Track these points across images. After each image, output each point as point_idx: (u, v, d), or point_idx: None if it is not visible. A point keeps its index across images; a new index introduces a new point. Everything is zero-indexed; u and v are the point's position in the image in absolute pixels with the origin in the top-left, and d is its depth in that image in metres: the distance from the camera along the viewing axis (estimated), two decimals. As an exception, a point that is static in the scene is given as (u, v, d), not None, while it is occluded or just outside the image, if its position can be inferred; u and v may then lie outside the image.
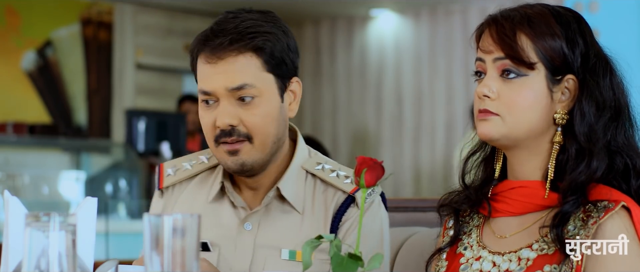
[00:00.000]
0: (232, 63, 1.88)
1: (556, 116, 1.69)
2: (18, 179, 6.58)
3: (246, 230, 1.95)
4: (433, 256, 1.83)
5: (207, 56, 1.89)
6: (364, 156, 1.49)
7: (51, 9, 7.81)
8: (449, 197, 1.84)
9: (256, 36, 1.88)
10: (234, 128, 1.88)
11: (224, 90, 1.88)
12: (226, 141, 1.89)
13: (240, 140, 1.89)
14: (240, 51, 1.88)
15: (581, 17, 1.74)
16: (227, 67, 1.88)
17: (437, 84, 8.16)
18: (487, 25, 1.72)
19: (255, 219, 1.95)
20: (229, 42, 1.87)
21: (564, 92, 1.70)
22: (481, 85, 1.70)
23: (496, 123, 1.69)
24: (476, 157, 1.82)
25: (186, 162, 2.06)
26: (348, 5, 8.20)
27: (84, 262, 1.52)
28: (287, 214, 1.95)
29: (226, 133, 1.88)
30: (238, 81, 1.87)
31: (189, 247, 1.27)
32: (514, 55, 1.67)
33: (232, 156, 1.90)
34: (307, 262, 1.38)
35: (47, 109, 7.80)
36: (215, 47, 1.88)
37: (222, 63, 1.88)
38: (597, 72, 1.69)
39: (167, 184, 2.04)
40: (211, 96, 1.89)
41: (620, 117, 1.70)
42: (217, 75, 1.88)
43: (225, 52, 1.88)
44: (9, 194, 1.59)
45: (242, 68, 1.88)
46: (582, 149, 1.67)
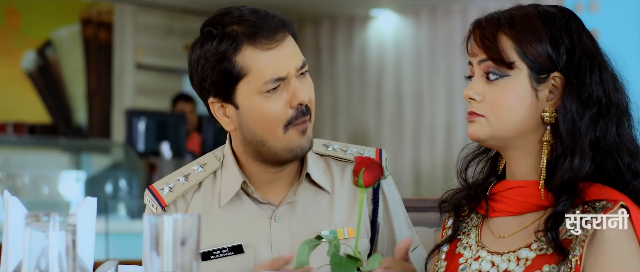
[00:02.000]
0: (290, 43, 1.92)
1: (544, 115, 1.70)
2: (18, 179, 6.58)
3: (278, 223, 1.96)
4: (432, 253, 1.83)
5: (264, 43, 1.88)
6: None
7: (51, 9, 7.81)
8: (451, 194, 1.85)
9: (290, 20, 1.95)
10: (307, 106, 1.92)
11: (294, 69, 1.90)
12: (303, 119, 1.91)
13: (308, 118, 1.93)
14: (287, 33, 1.92)
15: (572, 14, 1.73)
16: (289, 49, 1.91)
17: (437, 84, 8.16)
18: (473, 30, 1.74)
19: (284, 211, 1.97)
20: (281, 25, 1.91)
21: (551, 90, 1.70)
22: (467, 88, 1.72)
23: (482, 124, 1.70)
24: (481, 157, 1.83)
25: (178, 176, 2.02)
26: (348, 5, 8.20)
27: (84, 262, 1.52)
28: (316, 197, 1.98)
29: (303, 112, 1.91)
30: (301, 58, 1.92)
31: (189, 247, 1.27)
32: (494, 57, 1.68)
33: (304, 136, 1.92)
34: (302, 261, 1.39)
35: (47, 109, 7.80)
36: (271, 32, 1.89)
37: (284, 46, 1.90)
38: (583, 69, 1.68)
39: (169, 200, 2.00)
40: (282, 80, 1.89)
41: (610, 114, 1.69)
42: (284, 57, 1.89)
43: (282, 34, 1.90)
44: (9, 194, 1.59)
45: (296, 48, 1.93)
46: (567, 147, 1.66)
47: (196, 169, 2.02)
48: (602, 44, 1.75)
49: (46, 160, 7.18)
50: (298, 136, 1.90)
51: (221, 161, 2.01)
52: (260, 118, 1.89)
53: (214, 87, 1.92)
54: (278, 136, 1.90)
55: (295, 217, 1.96)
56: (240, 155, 1.98)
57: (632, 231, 1.62)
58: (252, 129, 1.91)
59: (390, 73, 8.46)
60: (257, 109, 1.89)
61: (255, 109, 1.89)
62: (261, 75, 1.87)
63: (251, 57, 1.88)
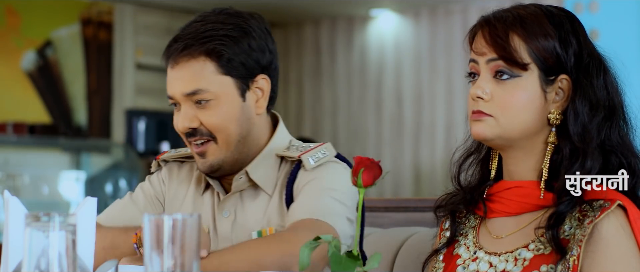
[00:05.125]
0: (186, 68, 1.93)
1: (550, 116, 1.70)
2: (18, 179, 6.58)
3: (224, 217, 2.00)
4: (430, 258, 1.83)
5: (167, 60, 1.96)
6: (364, 156, 1.49)
7: (51, 9, 7.81)
8: (446, 199, 1.85)
9: (210, 40, 1.92)
10: (196, 129, 1.94)
11: (180, 95, 1.94)
12: (192, 141, 1.96)
13: (206, 140, 1.95)
14: (192, 56, 1.92)
15: (574, 17, 1.74)
16: (182, 73, 1.93)
17: (437, 84, 8.16)
18: (480, 27, 1.73)
19: (231, 205, 2.01)
20: (183, 47, 1.93)
21: (557, 92, 1.70)
22: (474, 87, 1.71)
23: (490, 124, 1.69)
24: (472, 158, 1.82)
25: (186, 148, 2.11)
26: (348, 5, 8.20)
27: (84, 262, 1.52)
28: (258, 197, 2.00)
29: (190, 134, 1.95)
30: (191, 86, 1.92)
31: (189, 247, 1.27)
32: (507, 57, 1.67)
33: (201, 158, 1.96)
34: (304, 263, 1.39)
35: (47, 109, 7.80)
36: (172, 52, 1.94)
37: (178, 68, 1.93)
38: (591, 72, 1.69)
39: (164, 157, 2.11)
40: (173, 100, 1.96)
41: (614, 117, 1.70)
42: (175, 80, 1.94)
43: (180, 57, 1.93)
44: (9, 194, 1.59)
45: (195, 73, 1.92)
46: (576, 149, 1.67)
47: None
48: (602, 44, 1.76)
49: (46, 160, 7.18)
50: (197, 156, 1.97)
51: None
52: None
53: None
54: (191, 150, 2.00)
55: (239, 213, 2.00)
56: None
57: (629, 231, 1.63)
58: None
59: (390, 73, 8.45)
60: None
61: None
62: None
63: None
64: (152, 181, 2.12)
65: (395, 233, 2.24)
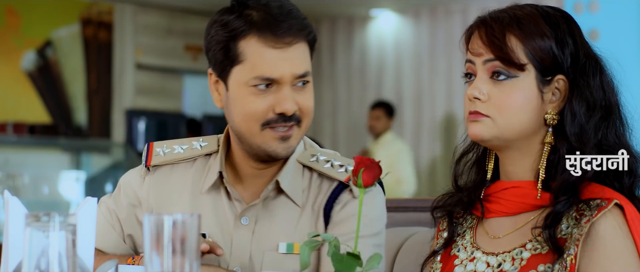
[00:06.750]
0: (298, 50, 1.87)
1: (547, 117, 1.70)
2: (18, 179, 6.58)
3: (243, 224, 1.93)
4: (428, 259, 1.83)
5: (273, 41, 1.85)
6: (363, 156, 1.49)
7: (51, 9, 7.81)
8: (443, 200, 1.85)
9: (310, 27, 1.90)
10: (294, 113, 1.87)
11: (291, 76, 1.85)
12: (284, 125, 1.86)
13: (294, 123, 1.87)
14: (302, 39, 1.87)
15: (570, 17, 1.74)
16: (294, 54, 1.86)
17: (437, 83, 8.16)
18: (476, 27, 1.72)
19: (252, 213, 1.93)
20: (298, 29, 1.86)
21: (554, 92, 1.70)
22: (471, 88, 1.70)
23: (487, 124, 1.69)
24: (468, 158, 1.82)
25: (177, 145, 2.02)
26: (348, 5, 8.20)
27: (84, 262, 1.52)
28: (285, 207, 1.93)
29: (286, 118, 1.86)
30: (303, 69, 1.87)
31: (189, 247, 1.27)
32: (504, 57, 1.67)
33: (284, 142, 1.87)
34: (305, 262, 1.38)
35: (47, 109, 7.80)
36: (284, 32, 1.85)
37: (290, 50, 1.85)
38: (587, 72, 1.69)
39: (155, 162, 2.01)
40: (273, 82, 1.85)
41: (611, 116, 1.70)
42: (284, 61, 1.85)
43: (294, 38, 1.86)
44: (9, 194, 1.58)
45: (304, 56, 1.88)
46: (573, 149, 1.67)
47: (196, 144, 2.01)
48: (602, 44, 1.75)
49: (46, 160, 7.18)
50: (275, 140, 1.87)
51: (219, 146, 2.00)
52: (240, 109, 1.87)
53: (214, 59, 1.90)
54: (254, 132, 1.87)
55: (261, 222, 1.93)
56: (232, 140, 1.96)
57: (626, 230, 1.63)
58: (232, 116, 1.89)
59: (390, 73, 8.46)
60: (240, 100, 1.87)
61: (239, 98, 1.87)
62: (253, 69, 1.85)
63: (253, 48, 1.85)
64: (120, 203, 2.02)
65: (395, 233, 2.24)
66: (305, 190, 1.95)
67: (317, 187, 1.95)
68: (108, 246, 1.99)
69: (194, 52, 8.37)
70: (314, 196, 1.95)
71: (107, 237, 2.00)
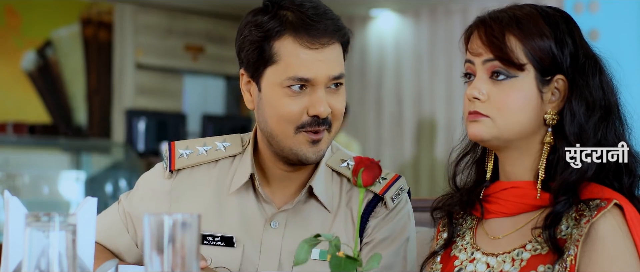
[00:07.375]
0: (334, 52, 1.85)
1: (546, 117, 1.70)
2: (18, 179, 6.58)
3: (272, 228, 1.91)
4: (427, 260, 1.83)
5: (309, 41, 1.83)
6: (363, 156, 1.49)
7: (51, 9, 7.81)
8: (442, 200, 1.85)
9: (345, 29, 1.88)
10: (327, 117, 1.85)
11: (325, 78, 1.84)
12: (317, 129, 1.85)
13: (326, 127, 1.86)
14: (336, 41, 1.86)
15: (570, 17, 1.74)
16: (329, 55, 1.84)
17: (437, 84, 8.16)
18: (475, 27, 1.72)
19: (282, 218, 1.92)
20: (333, 30, 1.85)
21: (553, 92, 1.70)
22: (471, 88, 1.70)
23: (487, 124, 1.69)
24: (467, 159, 1.82)
25: (200, 146, 1.99)
26: (348, 5, 8.20)
27: (84, 262, 1.52)
28: (316, 213, 1.92)
29: (319, 122, 1.84)
30: (338, 70, 1.86)
31: (189, 247, 1.27)
32: (503, 57, 1.67)
33: (314, 146, 1.85)
34: (302, 259, 1.38)
35: (47, 109, 7.80)
36: (319, 33, 1.83)
37: (326, 51, 1.84)
38: (587, 72, 1.69)
39: (179, 166, 1.97)
40: (308, 83, 1.84)
41: (610, 116, 1.70)
42: (319, 62, 1.83)
43: (330, 39, 1.84)
44: (9, 194, 1.59)
45: (339, 57, 1.87)
46: None
47: (219, 145, 1.99)
48: (602, 44, 1.75)
49: (46, 160, 7.18)
50: (306, 143, 1.85)
51: (245, 147, 1.98)
52: (274, 111, 1.85)
53: (247, 60, 1.88)
54: (287, 135, 1.85)
55: (291, 227, 1.91)
56: (260, 141, 1.94)
57: (626, 230, 1.63)
58: (265, 117, 1.87)
59: (390, 73, 8.46)
60: (274, 101, 1.85)
61: (273, 100, 1.85)
62: (288, 69, 1.83)
63: (288, 48, 1.83)
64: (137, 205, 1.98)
65: (395, 233, 2.24)
66: (335, 195, 1.94)
67: (347, 193, 1.95)
68: (121, 246, 1.97)
69: (194, 52, 8.37)
70: (345, 202, 1.94)
71: (119, 238, 1.98)
